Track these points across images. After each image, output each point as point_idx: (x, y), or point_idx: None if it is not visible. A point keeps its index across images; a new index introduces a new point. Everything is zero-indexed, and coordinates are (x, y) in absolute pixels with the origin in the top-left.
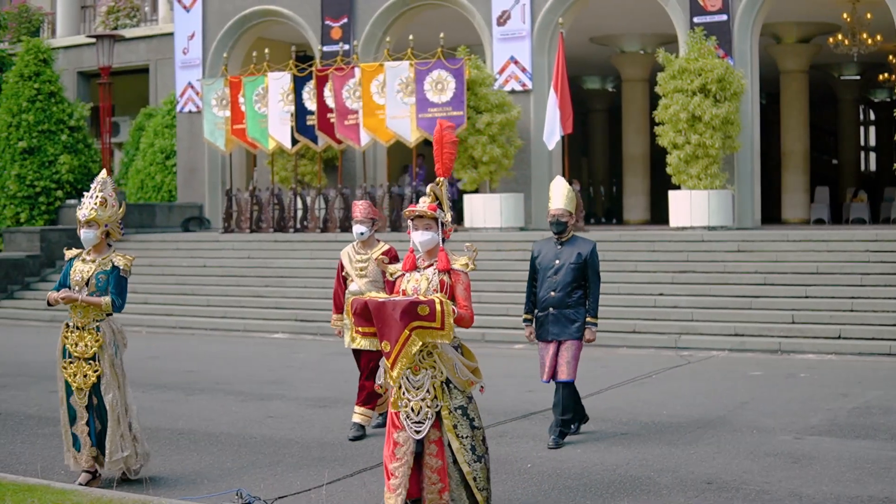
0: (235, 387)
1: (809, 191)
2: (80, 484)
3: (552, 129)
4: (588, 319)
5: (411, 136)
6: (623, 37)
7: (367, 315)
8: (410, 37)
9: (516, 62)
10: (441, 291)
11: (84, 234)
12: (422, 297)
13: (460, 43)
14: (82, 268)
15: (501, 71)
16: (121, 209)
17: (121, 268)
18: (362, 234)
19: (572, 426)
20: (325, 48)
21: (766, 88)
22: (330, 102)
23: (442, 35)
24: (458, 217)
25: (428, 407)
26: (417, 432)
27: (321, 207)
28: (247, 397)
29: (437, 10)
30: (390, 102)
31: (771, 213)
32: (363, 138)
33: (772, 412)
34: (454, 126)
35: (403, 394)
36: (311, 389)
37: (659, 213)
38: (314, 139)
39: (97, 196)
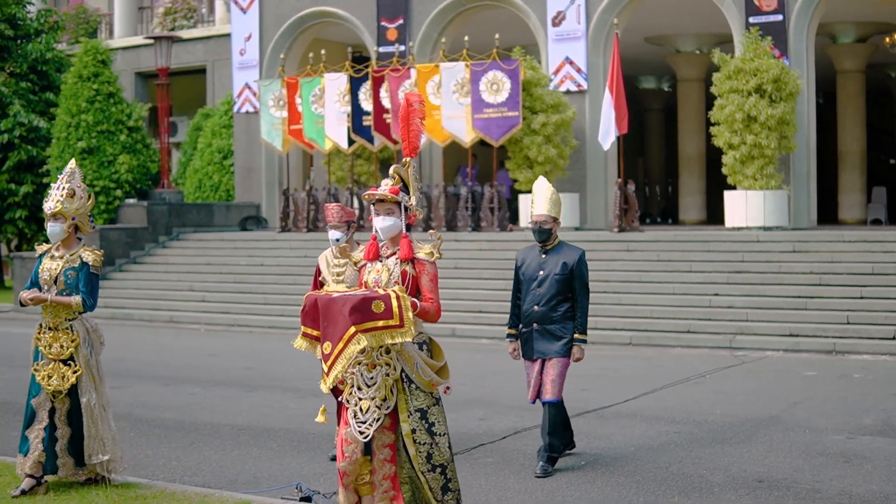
0: (293, 383)
1: (866, 191)
2: (24, 490)
3: (607, 130)
4: (576, 336)
5: (467, 137)
6: (678, 37)
7: (315, 315)
8: (466, 38)
9: (571, 62)
10: (403, 282)
11: (50, 228)
12: (380, 291)
13: (515, 44)
14: (50, 265)
15: (556, 71)
16: (90, 201)
17: (90, 264)
18: (338, 239)
19: (561, 449)
20: (381, 49)
21: (822, 88)
22: (386, 103)
23: (497, 36)
24: (514, 217)
25: (377, 407)
26: (361, 433)
27: None
28: (304, 394)
29: (492, 11)
30: (446, 103)
31: (827, 214)
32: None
33: (824, 412)
34: (422, 100)
35: (354, 391)
36: None
37: (715, 214)
38: (370, 139)
39: (64, 187)
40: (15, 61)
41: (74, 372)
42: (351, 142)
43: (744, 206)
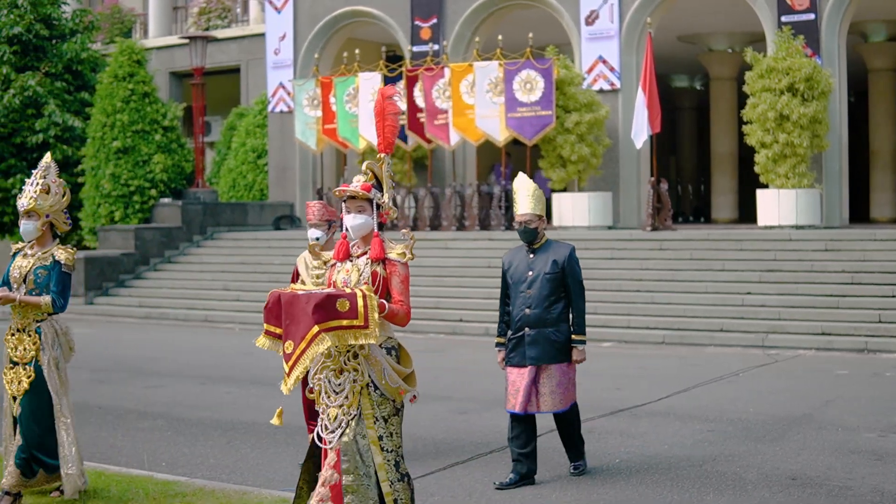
0: None
1: None
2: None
3: (640, 128)
4: (574, 337)
5: (500, 136)
6: (711, 35)
7: (279, 312)
8: (499, 37)
9: (604, 61)
10: (373, 283)
11: (23, 225)
12: (347, 290)
13: (549, 43)
14: (21, 263)
15: (590, 70)
16: (65, 197)
17: (62, 262)
18: (318, 238)
19: (512, 475)
20: (415, 48)
21: (853, 87)
22: (420, 102)
23: (530, 35)
24: (547, 215)
25: (344, 414)
26: (329, 441)
27: (411, 206)
28: None
29: (525, 11)
30: (479, 102)
31: (859, 212)
32: (453, 138)
33: (856, 410)
34: (397, 93)
35: (324, 398)
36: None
37: (747, 212)
38: (404, 138)
39: (38, 183)
40: (50, 61)
41: (28, 377)
42: None
43: (776, 205)
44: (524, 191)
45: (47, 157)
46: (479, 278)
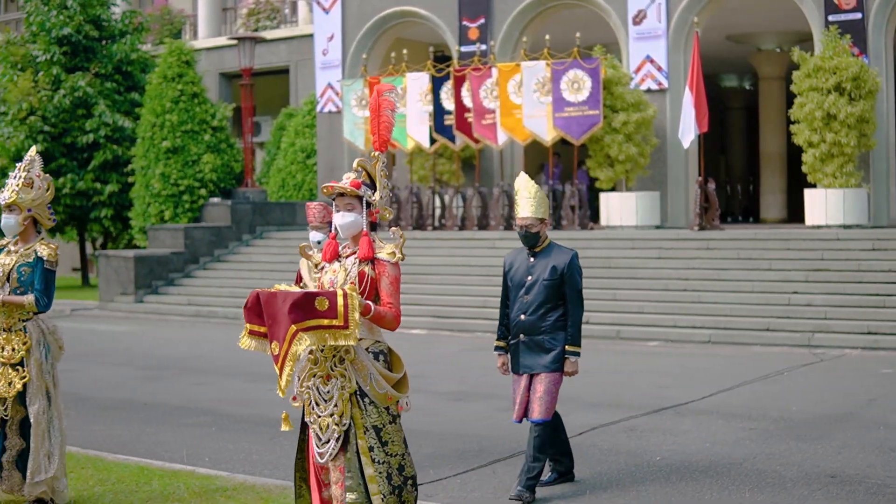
0: None
1: None
2: None
3: (687, 128)
4: (567, 348)
5: (548, 136)
6: (759, 35)
7: (259, 310)
8: (547, 36)
9: (652, 61)
10: (361, 284)
11: (4, 220)
12: (331, 290)
13: (596, 42)
14: (4, 260)
15: (637, 70)
16: (49, 192)
17: (45, 259)
18: (319, 242)
19: (551, 474)
20: (463, 48)
21: None
22: (467, 102)
23: (578, 35)
24: (595, 215)
25: (336, 424)
26: (321, 455)
27: (459, 206)
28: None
29: (573, 10)
30: (527, 102)
31: None
32: (500, 137)
33: None
34: (393, 88)
35: (313, 408)
36: (448, 383)
37: (795, 212)
38: (452, 138)
39: (21, 177)
40: (100, 62)
41: (22, 378)
42: (433, 141)
43: (823, 205)
44: (525, 192)
45: (32, 150)
46: None
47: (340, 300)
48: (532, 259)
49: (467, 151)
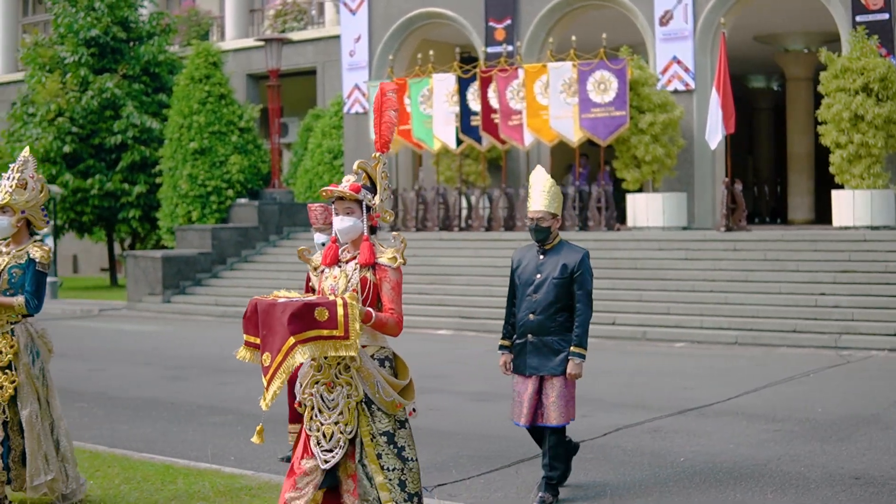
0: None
1: None
2: None
3: (714, 129)
4: (573, 349)
5: (574, 137)
6: (786, 35)
7: (257, 320)
8: (573, 37)
9: (679, 62)
10: (363, 290)
11: None
12: (331, 298)
13: (623, 43)
14: None
15: (664, 71)
16: (42, 193)
17: (37, 261)
18: (323, 244)
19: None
20: (489, 49)
21: None
22: (494, 103)
23: (604, 35)
24: (622, 216)
25: (341, 433)
26: (326, 461)
27: (485, 207)
28: None
29: (599, 11)
30: (553, 103)
31: None
32: (527, 138)
33: None
34: (395, 88)
35: (315, 415)
36: (472, 384)
37: (823, 213)
38: (478, 139)
39: (15, 177)
40: (128, 63)
41: (12, 382)
42: (459, 142)
43: (851, 206)
44: (539, 186)
45: (25, 151)
46: None
47: (340, 310)
48: (542, 256)
49: (494, 152)
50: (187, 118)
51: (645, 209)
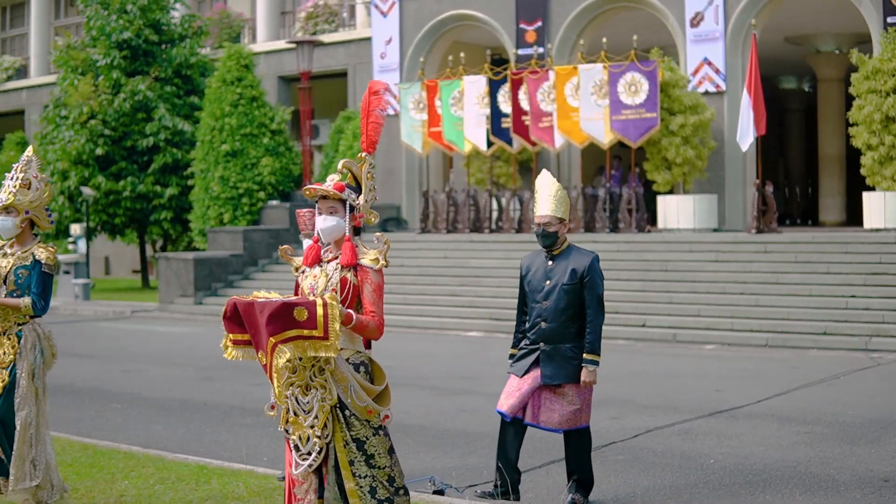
0: (431, 382)
1: None
2: None
3: (745, 131)
4: (585, 356)
5: (605, 138)
6: (818, 36)
7: (239, 319)
8: (604, 39)
9: (710, 63)
10: (343, 291)
11: (1, 221)
12: (312, 298)
13: (653, 45)
14: (1, 263)
15: (695, 72)
16: (46, 193)
17: (43, 262)
18: None
19: (577, 496)
20: (520, 51)
21: None
22: (525, 105)
23: (635, 37)
24: (652, 218)
25: (317, 437)
26: (298, 466)
27: (516, 209)
28: (441, 392)
29: (630, 13)
30: (584, 105)
31: None
32: (557, 140)
33: None
34: (386, 87)
35: (291, 418)
36: (503, 386)
37: (855, 215)
38: (509, 141)
39: (18, 177)
40: (160, 66)
41: (2, 381)
42: (490, 144)
43: (882, 208)
44: (545, 190)
45: (29, 150)
46: None
47: (320, 310)
48: (550, 262)
49: (524, 154)
50: (219, 120)
51: (675, 211)
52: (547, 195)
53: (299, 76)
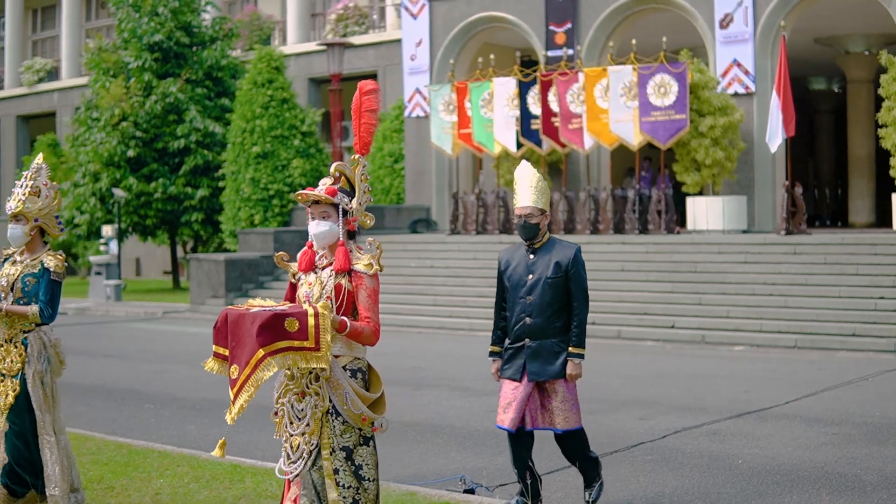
0: (460, 383)
1: None
2: None
3: (774, 132)
4: (571, 349)
5: (634, 140)
6: (847, 37)
7: (227, 332)
8: (633, 41)
9: (739, 65)
10: (338, 298)
11: (11, 230)
12: (305, 307)
13: (683, 46)
14: (9, 270)
15: (724, 74)
16: (56, 201)
17: (52, 270)
18: None
19: (595, 483)
20: (550, 53)
21: None
22: (554, 107)
23: (664, 39)
24: (682, 219)
25: (306, 444)
26: (286, 472)
27: None
28: (471, 393)
29: (659, 14)
30: (614, 106)
31: None
32: (587, 142)
33: None
34: (377, 89)
35: (286, 425)
36: None
37: (884, 216)
38: (539, 143)
39: (28, 185)
40: (191, 68)
41: (14, 390)
42: (519, 145)
43: None
44: (525, 181)
45: (39, 158)
46: (611, 281)
47: (311, 320)
48: (532, 256)
49: (554, 156)
50: (250, 122)
51: (705, 212)
52: (527, 186)
53: (329, 78)
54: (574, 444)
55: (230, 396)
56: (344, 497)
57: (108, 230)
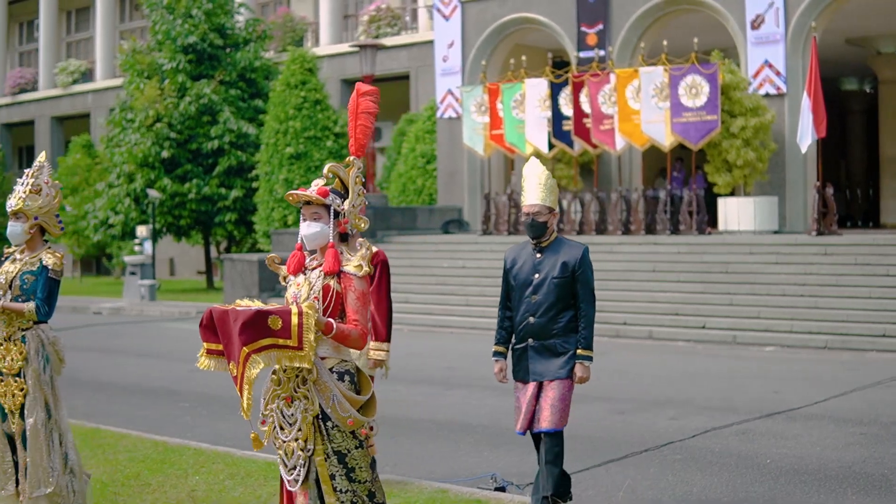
0: (492, 382)
1: None
2: None
3: (805, 133)
4: (579, 352)
5: (666, 141)
6: (879, 38)
7: (214, 327)
8: (664, 42)
9: (770, 66)
10: (325, 299)
11: (11, 227)
12: (291, 306)
13: (714, 47)
14: (8, 268)
15: (756, 75)
16: (56, 199)
17: (50, 268)
18: None
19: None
20: (581, 54)
21: None
22: (586, 108)
23: (696, 40)
24: (713, 220)
25: (301, 450)
26: (289, 482)
27: (577, 211)
28: (502, 392)
29: (690, 15)
30: (645, 107)
31: None
32: (618, 142)
33: None
34: (376, 91)
35: (277, 432)
36: None
37: None
38: (570, 144)
39: (29, 183)
40: (224, 69)
41: (21, 389)
42: (551, 146)
43: None
44: (534, 178)
45: (41, 156)
46: (643, 282)
47: (295, 319)
48: (539, 255)
49: (585, 157)
50: (283, 123)
51: (736, 213)
52: (536, 183)
53: (362, 79)
54: (553, 444)
55: (237, 393)
56: (342, 502)
57: (142, 230)
